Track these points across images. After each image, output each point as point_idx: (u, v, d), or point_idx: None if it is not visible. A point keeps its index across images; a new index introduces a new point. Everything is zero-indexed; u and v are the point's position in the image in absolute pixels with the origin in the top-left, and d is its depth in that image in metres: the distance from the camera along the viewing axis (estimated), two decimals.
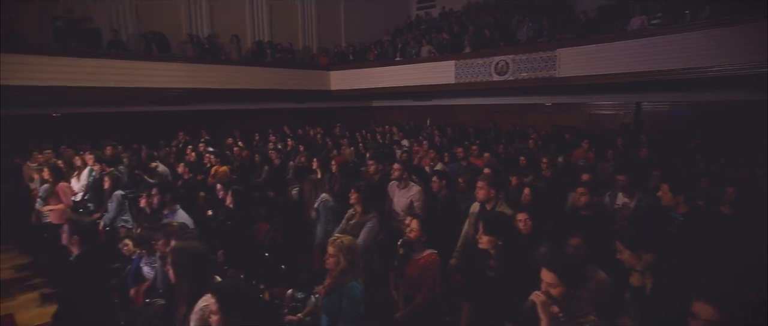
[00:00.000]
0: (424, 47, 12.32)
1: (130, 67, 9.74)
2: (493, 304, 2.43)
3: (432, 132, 10.79)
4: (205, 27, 12.97)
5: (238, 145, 8.37)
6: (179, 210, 3.16)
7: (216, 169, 6.27)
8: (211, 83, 10.94)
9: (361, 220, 3.49)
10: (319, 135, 10.45)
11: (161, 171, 6.21)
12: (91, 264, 2.60)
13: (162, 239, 2.68)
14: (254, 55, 12.57)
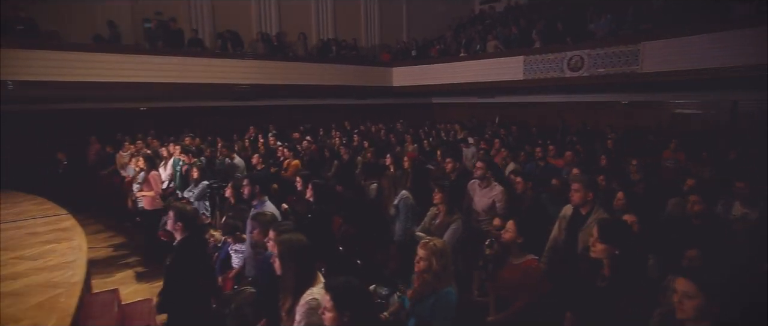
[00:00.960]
0: (490, 42, 11.91)
1: (208, 64, 10.33)
2: (602, 316, 2.22)
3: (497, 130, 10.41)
4: (273, 25, 13.49)
5: (307, 139, 8.58)
6: (267, 201, 3.25)
7: (288, 162, 6.45)
8: (279, 79, 11.33)
9: (446, 221, 3.38)
10: (382, 131, 10.45)
11: (238, 163, 6.50)
12: (192, 250, 2.73)
13: (257, 229, 2.75)
14: (319, 52, 12.86)
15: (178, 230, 2.69)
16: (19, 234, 5.20)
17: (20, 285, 3.72)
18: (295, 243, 2.06)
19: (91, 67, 8.96)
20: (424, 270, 2.48)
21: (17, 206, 6.82)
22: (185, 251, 2.68)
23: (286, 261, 1.97)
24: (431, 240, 2.55)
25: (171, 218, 2.67)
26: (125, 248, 6.27)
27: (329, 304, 1.84)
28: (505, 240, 2.95)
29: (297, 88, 11.91)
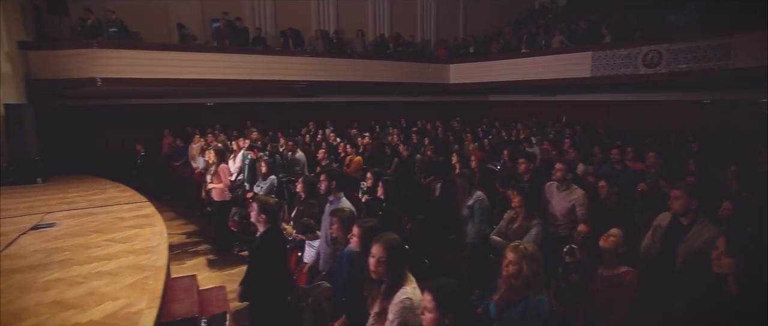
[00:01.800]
0: (555, 38, 11.34)
1: (270, 61, 10.68)
2: None
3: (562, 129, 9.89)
4: (332, 23, 13.71)
5: (364, 136, 8.62)
6: (343, 197, 3.25)
7: (350, 159, 6.50)
8: (337, 76, 11.48)
9: (525, 225, 3.20)
10: (439, 129, 10.28)
11: (299, 157, 6.64)
12: (273, 242, 2.78)
13: (337, 224, 2.75)
14: (376, 49, 12.90)
15: (261, 222, 2.75)
16: (108, 219, 5.64)
17: (114, 266, 4.01)
18: (396, 242, 2.02)
19: (166, 64, 9.58)
20: (514, 275, 2.35)
21: (104, 192, 7.43)
22: (267, 242, 2.74)
23: (387, 260, 1.94)
24: (521, 244, 2.41)
25: (255, 210, 2.73)
26: (197, 236, 6.61)
27: (431, 305, 1.79)
28: (604, 248, 2.73)
29: (354, 85, 12.02)
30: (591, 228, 3.15)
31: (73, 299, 3.32)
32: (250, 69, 10.35)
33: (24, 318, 3.05)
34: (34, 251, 4.44)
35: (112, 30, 9.38)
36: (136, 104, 11.24)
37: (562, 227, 3.77)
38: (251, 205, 2.81)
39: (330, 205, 3.28)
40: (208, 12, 12.19)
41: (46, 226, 5.28)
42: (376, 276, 1.98)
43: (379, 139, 9.27)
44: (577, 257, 3.22)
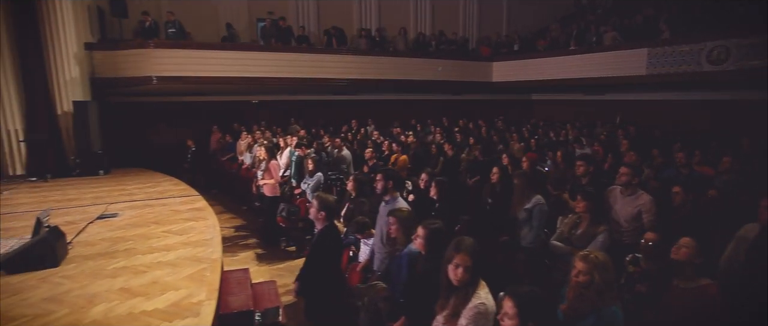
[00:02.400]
0: (607, 34, 10.80)
1: (314, 59, 10.82)
2: None
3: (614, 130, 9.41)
4: (373, 21, 13.74)
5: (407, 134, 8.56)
6: (399, 197, 3.21)
7: (396, 157, 6.46)
8: (380, 74, 11.49)
9: (590, 231, 3.03)
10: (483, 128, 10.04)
11: (345, 155, 6.67)
12: (331, 239, 2.77)
13: (396, 225, 2.71)
14: (417, 47, 12.79)
15: (321, 219, 2.75)
16: (164, 211, 5.90)
17: (173, 257, 4.17)
18: (478, 250, 1.96)
19: (215, 63, 9.92)
20: (585, 284, 2.22)
21: (159, 185, 7.80)
22: (326, 240, 2.74)
23: (473, 268, 1.88)
24: (592, 253, 2.27)
25: (315, 207, 2.74)
26: (244, 230, 6.80)
27: (512, 312, 1.72)
28: (677, 259, 2.54)
29: (395, 83, 11.98)
30: (660, 236, 2.95)
31: (138, 287, 3.48)
32: (294, 67, 10.54)
33: (96, 303, 3.22)
34: (101, 239, 4.70)
35: (171, 30, 9.84)
36: (186, 101, 11.73)
37: (626, 234, 3.55)
38: (311, 202, 2.82)
39: (385, 205, 3.24)
40: (254, 12, 12.53)
41: (110, 216, 5.59)
42: (459, 284, 1.93)
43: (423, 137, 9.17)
44: (642, 267, 3.04)
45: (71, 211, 5.82)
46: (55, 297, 3.31)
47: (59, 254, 3.96)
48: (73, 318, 3.01)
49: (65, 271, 3.81)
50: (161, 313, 3.06)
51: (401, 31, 12.65)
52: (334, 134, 9.97)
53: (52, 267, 3.85)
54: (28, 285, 3.54)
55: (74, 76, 8.80)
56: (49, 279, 3.65)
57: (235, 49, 10.23)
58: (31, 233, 4.86)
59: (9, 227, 5.25)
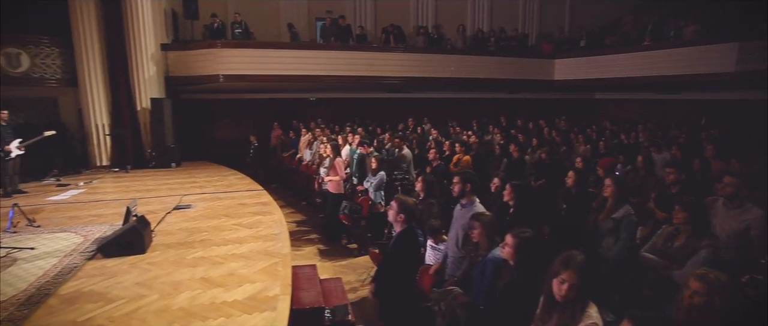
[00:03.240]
0: (687, 27, 9.92)
1: (372, 57, 10.87)
2: None
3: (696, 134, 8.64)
4: (430, 18, 13.57)
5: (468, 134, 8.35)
6: (477, 201, 3.10)
7: (458, 158, 6.32)
8: (437, 72, 11.34)
9: (690, 245, 2.75)
10: (545, 129, 9.59)
11: (406, 154, 6.62)
12: (410, 242, 2.72)
13: (479, 230, 2.61)
14: (475, 44, 12.48)
15: (400, 221, 2.71)
16: (233, 204, 6.17)
17: (246, 250, 4.34)
18: (589, 266, 1.82)
19: (277, 62, 10.25)
20: (700, 308, 2.00)
21: (225, 179, 8.18)
22: (405, 242, 2.70)
23: (580, 285, 1.76)
24: (711, 273, 2.04)
25: (394, 209, 2.70)
26: (306, 225, 6.95)
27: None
28: None
29: (452, 81, 11.77)
30: None
31: (217, 278, 3.64)
32: (352, 65, 10.66)
33: (181, 290, 3.40)
34: (179, 229, 4.99)
35: (237, 31, 10.31)
36: (248, 98, 12.23)
37: (724, 251, 3.20)
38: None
39: (461, 208, 3.15)
40: (314, 11, 12.81)
41: (185, 207, 5.93)
42: (564, 301, 1.81)
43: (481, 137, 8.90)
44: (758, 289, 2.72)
45: (150, 201, 6.22)
46: (145, 283, 3.53)
47: (146, 242, 4.24)
48: (163, 303, 3.19)
49: (151, 258, 4.07)
50: (241, 305, 3.17)
51: (459, 28, 12.37)
52: (391, 133, 9.92)
53: (140, 253, 4.13)
54: (121, 269, 3.81)
55: (151, 74, 9.45)
56: (138, 264, 3.91)
57: (295, 48, 10.51)
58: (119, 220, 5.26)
59: (100, 214, 5.72)
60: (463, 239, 3.08)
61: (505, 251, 2.29)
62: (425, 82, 11.53)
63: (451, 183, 3.37)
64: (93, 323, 2.93)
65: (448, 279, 3.12)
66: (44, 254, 4.20)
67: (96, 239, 4.60)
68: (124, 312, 3.06)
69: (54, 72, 8.85)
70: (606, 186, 3.20)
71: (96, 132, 9.16)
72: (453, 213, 3.33)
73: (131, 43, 9.07)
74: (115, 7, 8.86)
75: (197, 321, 2.96)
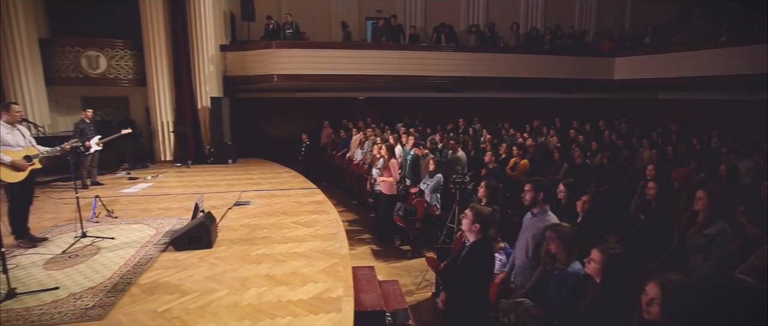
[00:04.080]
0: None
1: (423, 57, 10.78)
2: None
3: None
4: (481, 16, 13.27)
5: (521, 136, 8.07)
6: (549, 211, 2.96)
7: (515, 161, 6.11)
8: (489, 72, 11.09)
9: None
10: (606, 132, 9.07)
11: (460, 156, 6.48)
12: (484, 254, 2.65)
13: (556, 242, 2.49)
14: (529, 42, 12.05)
15: (474, 231, 2.64)
16: (289, 202, 6.32)
17: (306, 249, 4.42)
18: (681, 285, 1.67)
19: (329, 61, 10.41)
20: None
21: (279, 176, 8.42)
22: (479, 253, 2.62)
23: (664, 304, 1.62)
24: None
25: (468, 218, 2.63)
26: (357, 224, 7.00)
27: None
28: None
29: (504, 81, 11.45)
30: None
31: (281, 276, 3.73)
32: (403, 64, 10.63)
33: (248, 287, 3.51)
34: (241, 225, 5.17)
35: (288, 31, 10.58)
36: (298, 97, 12.52)
37: None
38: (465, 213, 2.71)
39: (532, 217, 3.02)
40: (365, 10, 12.89)
41: (244, 204, 6.15)
42: (650, 319, 1.68)
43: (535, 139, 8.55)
44: None
45: (211, 197, 6.50)
46: (215, 277, 3.68)
47: (212, 237, 4.43)
48: (232, 299, 3.31)
49: (217, 253, 4.25)
50: (306, 305, 3.22)
51: (513, 25, 12.00)
52: (441, 133, 9.77)
53: (207, 248, 4.32)
54: (191, 262, 4.01)
55: (211, 74, 9.90)
56: (206, 259, 4.09)
57: (347, 48, 10.63)
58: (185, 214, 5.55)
59: (168, 207, 6.06)
60: (533, 249, 2.96)
61: (591, 267, 2.16)
62: (476, 81, 11.30)
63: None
64: (171, 314, 3.09)
65: (517, 290, 3.01)
66: (123, 244, 4.49)
67: (167, 232, 4.87)
68: (198, 305, 3.21)
69: (126, 73, 9.49)
70: (698, 198, 2.94)
71: (161, 129, 9.73)
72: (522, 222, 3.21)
73: (194, 45, 9.54)
74: (180, 11, 9.36)
75: (266, 318, 3.04)
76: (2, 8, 7.97)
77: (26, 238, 4.43)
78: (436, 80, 11.03)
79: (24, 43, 8.26)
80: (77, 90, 9.66)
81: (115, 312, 3.08)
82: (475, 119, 10.88)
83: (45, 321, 2.97)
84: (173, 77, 9.60)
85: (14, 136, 4.23)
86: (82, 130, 7.23)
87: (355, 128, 9.67)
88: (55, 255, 4.20)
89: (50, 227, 5.10)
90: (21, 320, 2.99)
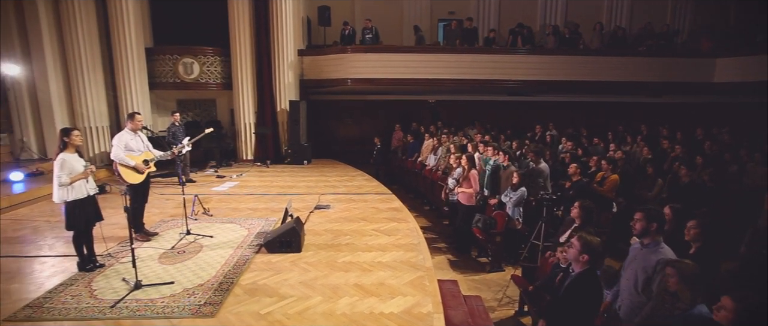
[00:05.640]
0: None
1: (498, 60, 10.48)
2: None
3: None
4: (559, 15, 12.62)
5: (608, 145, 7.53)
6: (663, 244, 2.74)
7: (603, 176, 5.74)
8: (569, 75, 10.51)
9: None
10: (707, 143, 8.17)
11: (542, 168, 6.21)
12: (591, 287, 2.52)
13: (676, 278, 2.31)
14: (614, 43, 11.23)
15: (581, 262, 2.52)
16: (367, 208, 6.45)
17: (390, 259, 4.49)
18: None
19: (402, 65, 10.47)
20: None
21: (354, 180, 8.62)
22: (586, 287, 2.50)
23: None
24: None
25: (576, 248, 2.52)
26: (432, 232, 6.98)
27: None
28: None
29: (585, 84, 10.79)
30: None
31: (370, 286, 3.82)
32: (476, 68, 10.41)
33: (340, 295, 3.65)
34: (324, 230, 5.37)
35: (368, 36, 10.81)
36: (369, 99, 12.73)
37: None
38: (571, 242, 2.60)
39: (643, 248, 2.82)
40: (436, 12, 12.80)
41: (324, 207, 6.39)
42: None
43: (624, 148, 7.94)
44: None
45: (293, 198, 6.82)
46: (308, 283, 3.87)
47: (301, 242, 4.66)
48: (327, 307, 3.45)
49: (307, 258, 4.45)
50: (398, 319, 3.28)
51: (596, 26, 11.25)
52: (517, 140, 9.32)
53: (297, 252, 4.55)
54: (284, 266, 4.24)
55: (290, 79, 10.39)
56: (297, 263, 4.31)
57: (420, 52, 10.62)
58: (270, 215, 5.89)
59: (254, 207, 6.46)
60: (643, 283, 2.76)
61: (721, 315, 1.98)
62: (554, 85, 10.77)
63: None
64: (272, 317, 3.29)
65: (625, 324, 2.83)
66: (221, 243, 4.86)
67: (258, 233, 5.20)
68: (296, 310, 3.39)
69: (215, 77, 10.27)
70: None
71: (244, 129, 10.40)
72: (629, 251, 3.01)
73: (275, 51, 10.08)
74: (264, 20, 9.93)
75: None
76: (117, 21, 8.97)
77: (142, 232, 4.96)
78: (510, 84, 10.68)
79: (134, 52, 9.23)
80: (173, 93, 10.63)
81: (224, 311, 3.35)
82: (550, 125, 10.36)
83: (167, 313, 3.31)
84: (256, 81, 10.22)
85: (136, 142, 4.74)
86: (173, 133, 7.96)
87: (427, 133, 9.64)
88: (166, 250, 4.66)
89: (158, 222, 5.66)
90: (148, 310, 3.35)
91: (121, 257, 4.41)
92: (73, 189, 3.78)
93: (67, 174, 3.74)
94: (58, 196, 3.77)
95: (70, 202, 3.80)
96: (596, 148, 7.92)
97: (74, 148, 3.84)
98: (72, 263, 4.18)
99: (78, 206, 3.84)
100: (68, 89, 9.06)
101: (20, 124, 8.93)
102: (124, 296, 3.53)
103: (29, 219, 5.85)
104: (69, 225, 3.88)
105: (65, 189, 3.75)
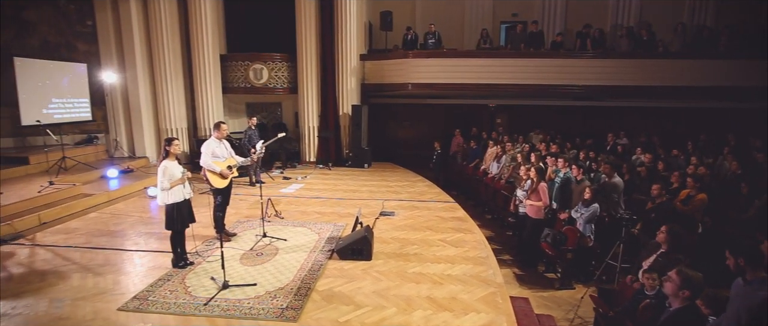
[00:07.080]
0: None
1: (563, 65, 10.05)
2: None
3: None
4: (632, 15, 11.85)
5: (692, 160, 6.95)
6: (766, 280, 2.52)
7: (689, 194, 5.34)
8: (642, 79, 9.86)
9: None
10: None
11: (616, 182, 5.90)
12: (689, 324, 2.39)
13: None
14: (697, 44, 10.35)
15: (680, 298, 2.40)
16: (431, 217, 6.45)
17: (459, 272, 4.49)
18: None
19: (463, 70, 10.35)
20: None
21: (415, 186, 8.66)
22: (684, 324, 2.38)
23: None
24: None
25: (675, 283, 2.41)
26: (495, 242, 6.84)
27: None
28: None
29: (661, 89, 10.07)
30: None
31: (442, 300, 3.86)
32: (542, 73, 10.05)
33: (414, 307, 3.72)
34: (391, 238, 5.46)
35: (430, 41, 10.84)
36: (428, 103, 12.71)
37: None
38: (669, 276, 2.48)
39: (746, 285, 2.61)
40: (499, 14, 12.50)
41: (389, 214, 6.48)
42: None
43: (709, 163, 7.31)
44: None
45: (357, 203, 6.99)
46: (381, 293, 3.98)
47: (372, 250, 4.79)
48: (402, 319, 3.53)
49: (376, 266, 4.57)
50: None
51: (678, 26, 10.41)
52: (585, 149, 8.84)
53: (367, 260, 4.69)
54: (356, 274, 4.39)
55: (352, 83, 10.64)
56: (368, 272, 4.44)
57: (482, 57, 10.44)
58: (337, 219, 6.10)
59: (321, 211, 6.71)
60: (748, 324, 2.57)
61: None
62: (626, 90, 10.15)
63: None
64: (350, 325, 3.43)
65: None
66: (295, 247, 5.10)
67: (328, 238, 5.40)
68: (373, 320, 3.50)
69: (282, 82, 10.76)
70: None
71: (308, 132, 10.82)
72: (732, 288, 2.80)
73: (339, 57, 10.38)
74: (329, 26, 10.25)
75: None
76: (197, 31, 9.68)
77: (223, 233, 5.34)
78: (578, 89, 10.21)
79: (210, 58, 9.92)
80: (243, 97, 11.28)
81: (306, 317, 3.54)
82: (621, 133, 9.76)
83: (254, 314, 3.55)
84: (320, 86, 10.58)
85: (221, 149, 5.11)
86: (249, 137, 8.44)
87: (490, 140, 9.46)
88: (246, 251, 4.98)
89: (235, 222, 6.05)
90: (236, 310, 3.62)
91: (207, 256, 4.78)
92: (172, 193, 4.16)
93: (168, 179, 4.12)
94: (160, 199, 4.16)
95: (169, 205, 4.18)
96: (676, 160, 7.38)
97: (174, 155, 4.22)
98: (165, 259, 4.60)
99: (176, 209, 4.22)
100: (154, 94, 9.92)
101: (115, 125, 9.92)
102: (215, 295, 3.83)
103: (126, 215, 6.48)
104: (168, 226, 4.28)
105: (166, 193, 4.13)
